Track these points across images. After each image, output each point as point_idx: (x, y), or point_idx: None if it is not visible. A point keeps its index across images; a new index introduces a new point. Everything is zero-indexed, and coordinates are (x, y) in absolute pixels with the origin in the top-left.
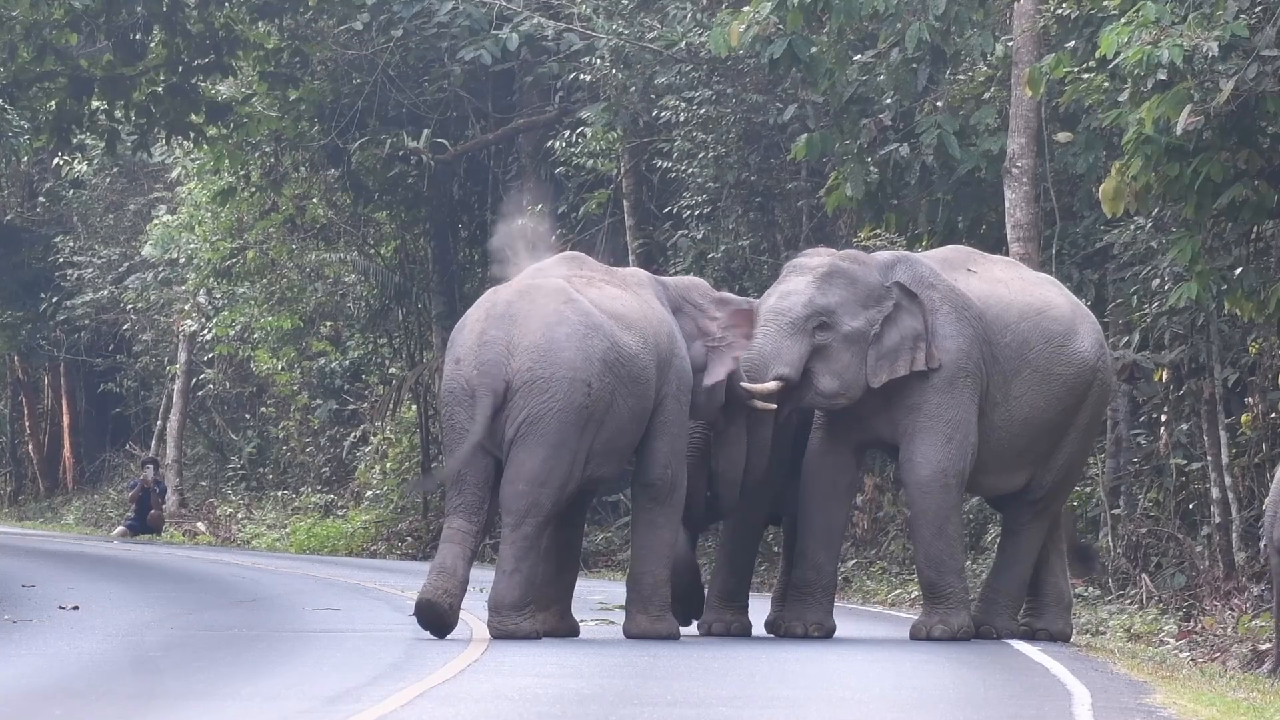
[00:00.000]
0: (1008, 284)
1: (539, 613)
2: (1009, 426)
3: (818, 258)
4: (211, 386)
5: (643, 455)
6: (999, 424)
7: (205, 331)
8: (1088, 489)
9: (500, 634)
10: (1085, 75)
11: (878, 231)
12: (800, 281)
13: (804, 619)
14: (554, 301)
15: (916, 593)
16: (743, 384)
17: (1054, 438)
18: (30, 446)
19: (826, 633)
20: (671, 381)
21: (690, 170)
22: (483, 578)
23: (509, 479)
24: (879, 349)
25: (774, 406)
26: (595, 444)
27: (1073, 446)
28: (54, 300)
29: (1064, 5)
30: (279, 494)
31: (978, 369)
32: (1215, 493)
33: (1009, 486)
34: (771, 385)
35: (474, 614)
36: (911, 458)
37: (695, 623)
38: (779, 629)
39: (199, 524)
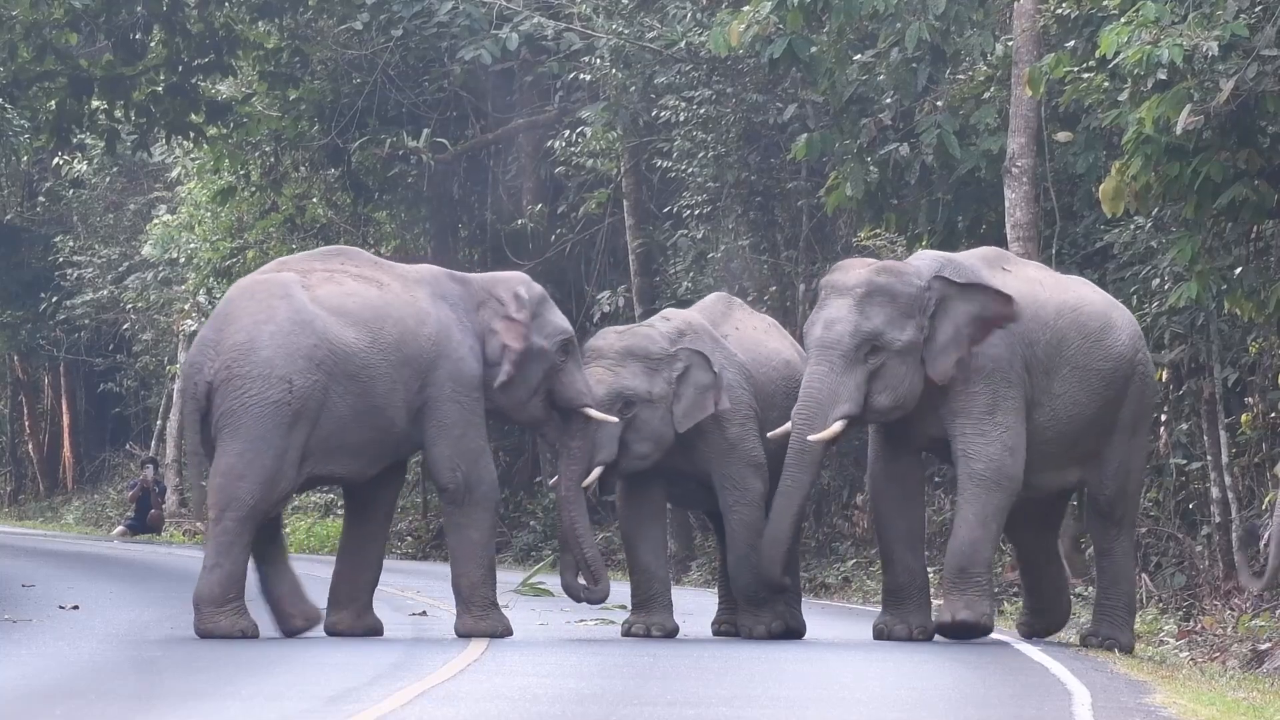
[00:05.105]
0: (1042, 283)
1: (340, 611)
2: (1055, 425)
3: (854, 273)
4: None
5: (427, 462)
6: (1045, 423)
7: None
8: None
9: (202, 631)
10: (1085, 75)
11: (878, 231)
12: (841, 307)
13: (907, 622)
14: (269, 298)
15: None
16: (810, 437)
17: (1099, 433)
18: (30, 446)
19: (928, 635)
20: (443, 384)
21: (690, 170)
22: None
23: (210, 474)
24: (933, 346)
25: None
26: (311, 441)
27: (1124, 447)
28: (54, 300)
29: (1064, 5)
30: None
31: (1022, 371)
32: (1215, 493)
33: (1062, 484)
34: (837, 428)
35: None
36: (965, 453)
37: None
38: (882, 634)
39: (199, 524)
